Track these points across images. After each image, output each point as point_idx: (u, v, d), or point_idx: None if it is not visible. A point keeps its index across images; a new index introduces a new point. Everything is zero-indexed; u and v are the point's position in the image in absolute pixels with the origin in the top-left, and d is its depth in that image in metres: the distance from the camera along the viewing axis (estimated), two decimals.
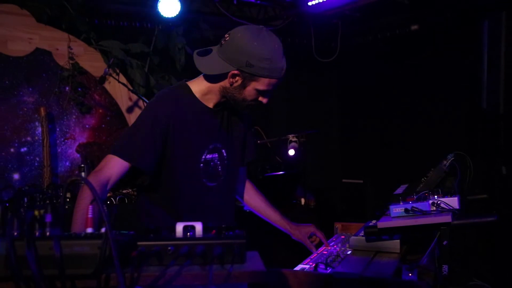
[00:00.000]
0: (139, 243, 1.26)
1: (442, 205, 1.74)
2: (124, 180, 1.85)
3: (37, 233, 1.18)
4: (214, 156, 2.00)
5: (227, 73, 1.85)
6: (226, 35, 1.87)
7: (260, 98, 1.91)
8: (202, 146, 1.97)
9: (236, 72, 1.83)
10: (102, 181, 1.74)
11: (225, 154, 2.04)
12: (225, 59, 1.83)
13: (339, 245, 2.13)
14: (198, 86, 1.96)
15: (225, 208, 2.09)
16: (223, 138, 2.03)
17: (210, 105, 1.97)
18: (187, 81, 2.00)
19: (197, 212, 1.94)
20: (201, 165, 1.96)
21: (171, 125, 1.88)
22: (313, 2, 4.38)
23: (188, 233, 1.34)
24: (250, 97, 1.89)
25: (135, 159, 1.81)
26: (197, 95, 1.95)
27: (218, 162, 2.02)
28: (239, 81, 1.86)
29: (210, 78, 1.92)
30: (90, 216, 1.32)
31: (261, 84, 1.85)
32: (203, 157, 1.97)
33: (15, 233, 1.17)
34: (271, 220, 2.29)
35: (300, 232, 2.24)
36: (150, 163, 1.85)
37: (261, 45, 1.81)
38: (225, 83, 1.89)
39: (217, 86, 1.92)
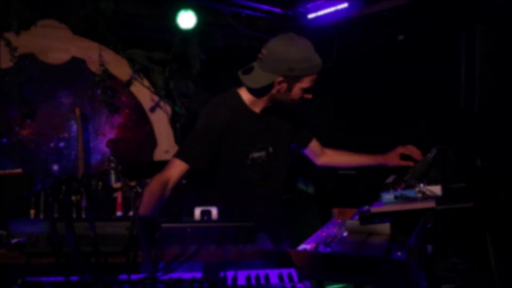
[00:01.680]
0: (162, 225, 1.26)
1: (427, 192, 1.72)
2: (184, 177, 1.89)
3: (74, 216, 1.18)
4: (261, 153, 1.98)
5: (273, 82, 1.82)
6: (263, 50, 1.83)
7: (305, 95, 1.89)
8: (250, 146, 1.95)
9: (281, 79, 1.80)
10: (163, 180, 1.79)
11: (271, 151, 2.01)
12: (268, 70, 1.80)
13: (337, 228, 2.12)
14: (247, 94, 1.94)
15: (272, 198, 2.07)
16: (270, 137, 2.00)
17: (257, 110, 1.95)
18: (238, 88, 1.97)
19: (246, 203, 1.90)
20: (248, 162, 1.95)
21: (224, 131, 1.88)
22: (312, 15, 4.35)
23: (205, 217, 1.33)
24: (297, 96, 1.87)
25: (192, 161, 1.84)
26: (247, 102, 1.93)
27: (265, 159, 1.99)
28: (285, 86, 1.83)
29: (257, 92, 1.89)
30: (119, 201, 1.32)
31: (305, 83, 1.83)
32: (251, 155, 1.95)
33: (56, 215, 1.17)
34: (364, 163, 2.28)
35: (393, 158, 2.22)
36: (205, 164, 1.87)
37: (297, 48, 1.78)
38: (273, 91, 1.86)
39: (265, 97, 1.90)
